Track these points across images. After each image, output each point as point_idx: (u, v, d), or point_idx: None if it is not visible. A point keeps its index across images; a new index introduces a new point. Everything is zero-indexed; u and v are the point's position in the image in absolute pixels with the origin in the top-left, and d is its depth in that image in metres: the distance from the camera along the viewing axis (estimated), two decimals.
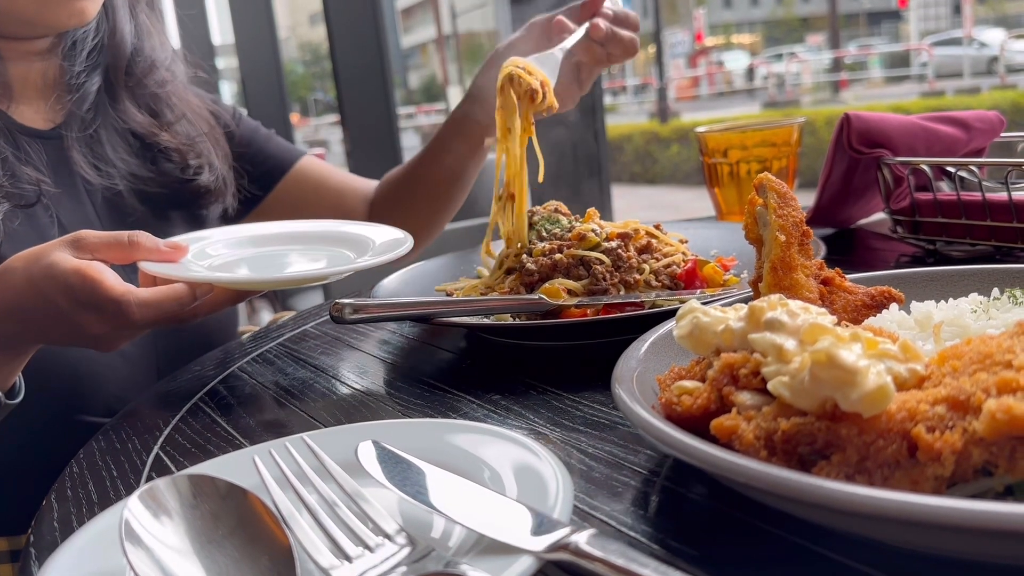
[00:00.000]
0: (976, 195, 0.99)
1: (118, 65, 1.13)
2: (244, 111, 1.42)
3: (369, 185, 1.41)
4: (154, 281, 0.85)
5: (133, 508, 0.46)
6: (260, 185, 1.33)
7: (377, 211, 1.38)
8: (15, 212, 0.99)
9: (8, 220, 0.98)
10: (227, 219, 1.30)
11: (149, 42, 1.17)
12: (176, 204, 1.18)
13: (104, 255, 0.82)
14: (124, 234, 0.84)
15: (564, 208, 1.06)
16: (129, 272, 0.86)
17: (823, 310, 0.53)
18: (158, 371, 1.15)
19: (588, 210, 1.04)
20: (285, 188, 1.35)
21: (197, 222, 1.22)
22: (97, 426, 1.03)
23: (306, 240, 1.05)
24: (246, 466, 0.56)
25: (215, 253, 0.99)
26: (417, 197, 1.35)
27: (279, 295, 3.89)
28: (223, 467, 0.58)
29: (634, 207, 9.75)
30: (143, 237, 0.85)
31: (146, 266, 0.86)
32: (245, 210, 1.34)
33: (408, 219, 1.32)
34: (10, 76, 1.06)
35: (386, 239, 1.00)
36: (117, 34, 1.13)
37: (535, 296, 0.89)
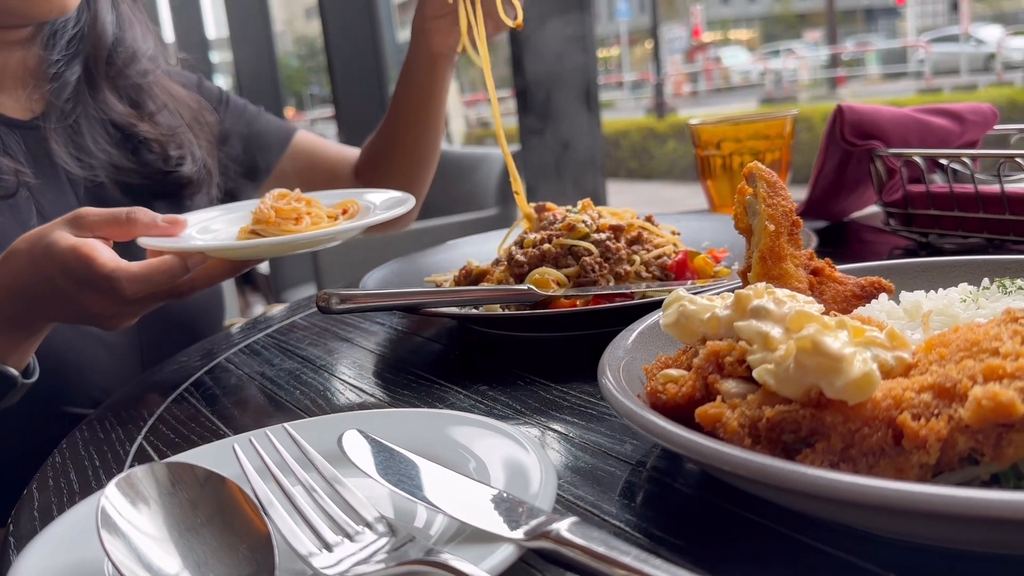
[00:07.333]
0: (969, 187, 0.98)
1: (98, 55, 1.12)
2: (227, 89, 1.42)
3: (355, 153, 1.44)
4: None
5: (110, 495, 0.45)
6: (259, 164, 1.35)
7: (362, 175, 1.40)
8: None
9: None
10: (230, 199, 1.30)
11: (131, 32, 1.16)
12: (160, 195, 1.17)
13: (103, 232, 0.82)
14: (122, 211, 0.84)
15: (552, 206, 1.05)
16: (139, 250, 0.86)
17: (810, 298, 0.52)
18: (142, 362, 1.14)
19: (583, 200, 1.03)
20: (282, 164, 1.37)
21: (182, 212, 1.21)
22: (82, 417, 1.03)
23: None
24: (227, 455, 0.55)
25: (217, 228, 0.98)
26: (396, 149, 1.36)
27: (272, 286, 3.87)
28: (204, 456, 0.58)
29: (630, 203, 9.64)
30: (140, 213, 0.85)
31: (144, 241, 0.86)
32: (247, 188, 1.34)
33: (392, 176, 1.34)
34: None
35: (387, 198, 1.01)
36: (98, 24, 1.12)
37: (524, 287, 0.88)
